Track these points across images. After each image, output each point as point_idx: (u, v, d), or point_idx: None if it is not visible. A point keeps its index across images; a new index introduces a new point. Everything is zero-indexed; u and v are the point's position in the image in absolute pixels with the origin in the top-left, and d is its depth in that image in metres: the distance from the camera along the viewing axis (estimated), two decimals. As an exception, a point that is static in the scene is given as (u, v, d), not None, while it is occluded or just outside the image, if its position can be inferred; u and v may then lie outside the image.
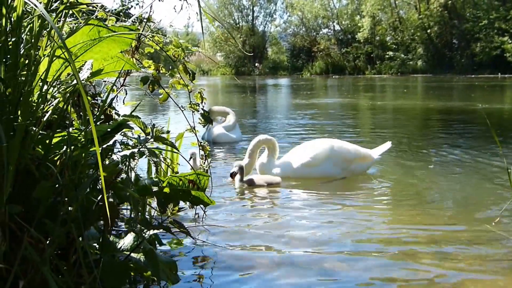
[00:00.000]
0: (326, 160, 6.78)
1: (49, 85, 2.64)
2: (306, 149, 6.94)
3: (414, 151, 8.92)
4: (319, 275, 3.64)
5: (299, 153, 6.93)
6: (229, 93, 29.50)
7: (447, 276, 3.57)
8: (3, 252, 2.29)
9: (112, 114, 3.85)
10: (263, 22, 66.97)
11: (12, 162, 2.29)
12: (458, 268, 3.72)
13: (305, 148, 6.99)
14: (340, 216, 5.03)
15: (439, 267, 3.74)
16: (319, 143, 7.04)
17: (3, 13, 2.33)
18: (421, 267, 3.73)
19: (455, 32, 50.74)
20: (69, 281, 2.54)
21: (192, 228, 4.48)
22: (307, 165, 6.76)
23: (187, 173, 3.23)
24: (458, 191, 6.04)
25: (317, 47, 59.61)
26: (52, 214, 2.52)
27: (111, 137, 2.89)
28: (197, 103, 4.51)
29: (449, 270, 3.67)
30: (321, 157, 6.78)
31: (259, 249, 4.16)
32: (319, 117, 15.14)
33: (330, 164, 6.79)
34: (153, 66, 4.22)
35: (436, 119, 14.40)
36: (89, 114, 1.90)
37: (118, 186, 2.91)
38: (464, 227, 4.66)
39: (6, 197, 2.28)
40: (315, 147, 6.90)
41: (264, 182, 6.49)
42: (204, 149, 4.66)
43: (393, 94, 27.30)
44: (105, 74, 3.08)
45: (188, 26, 72.41)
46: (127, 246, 2.84)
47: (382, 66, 53.24)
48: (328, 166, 6.79)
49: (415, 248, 4.13)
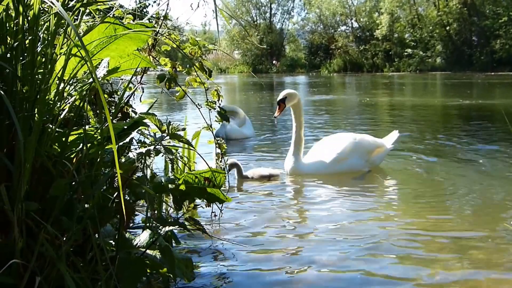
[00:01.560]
0: (352, 153, 6.76)
1: (65, 83, 2.66)
2: (329, 144, 6.90)
3: (433, 148, 8.91)
4: (336, 271, 3.64)
5: (323, 150, 6.87)
6: (246, 91, 29.51)
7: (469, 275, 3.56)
8: (20, 249, 2.31)
9: (129, 112, 3.87)
10: (280, 19, 66.86)
11: (28, 159, 2.30)
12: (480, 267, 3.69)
13: (327, 143, 6.95)
14: (359, 213, 5.01)
15: (459, 268, 3.71)
16: (341, 137, 6.99)
17: (20, 11, 2.35)
18: (441, 266, 3.72)
19: (475, 29, 50.29)
20: (85, 278, 2.56)
21: (208, 225, 4.50)
22: (336, 161, 6.69)
23: (202, 171, 3.24)
24: (478, 190, 5.99)
25: (335, 45, 59.35)
26: (69, 211, 2.54)
27: (127, 135, 2.90)
28: (213, 101, 4.52)
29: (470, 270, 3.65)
30: (347, 151, 6.74)
31: (275, 245, 4.17)
32: (336, 114, 15.14)
33: (356, 157, 6.79)
34: (170, 64, 4.23)
35: (455, 117, 14.30)
36: (106, 111, 1.91)
37: (134, 184, 2.93)
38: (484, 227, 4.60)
39: (23, 194, 2.30)
40: (339, 142, 6.85)
41: (264, 174, 6.57)
42: (220, 147, 4.66)
43: (412, 92, 27.19)
44: (122, 71, 3.09)
45: (205, 25, 72.42)
46: (143, 243, 2.86)
47: (401, 63, 52.88)
48: (355, 159, 6.78)
49: (434, 247, 4.12)
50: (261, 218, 4.91)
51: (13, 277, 2.30)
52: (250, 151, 8.94)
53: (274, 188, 6.13)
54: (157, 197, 3.33)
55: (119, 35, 2.69)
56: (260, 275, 3.59)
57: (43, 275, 2.38)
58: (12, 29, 2.40)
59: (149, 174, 3.37)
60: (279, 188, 6.15)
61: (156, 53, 4.25)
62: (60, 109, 2.67)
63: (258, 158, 8.26)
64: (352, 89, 30.67)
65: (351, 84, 36.23)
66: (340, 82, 38.78)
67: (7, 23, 2.38)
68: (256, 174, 6.58)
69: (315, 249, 4.06)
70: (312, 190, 6.05)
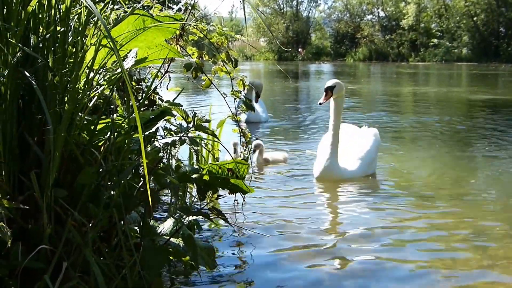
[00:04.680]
0: (376, 150, 6.41)
1: (95, 72, 2.71)
2: (354, 143, 6.39)
3: (454, 142, 8.86)
4: (358, 264, 3.67)
5: (350, 150, 6.31)
6: (271, 78, 29.50)
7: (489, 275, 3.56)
8: (48, 235, 2.37)
9: (156, 99, 3.92)
10: (307, 7, 66.41)
11: (58, 148, 2.36)
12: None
13: (351, 142, 6.41)
14: (381, 209, 5.02)
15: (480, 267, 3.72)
16: (363, 134, 6.57)
17: (52, 4, 2.40)
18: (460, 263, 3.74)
19: (502, 20, 49.71)
20: (110, 264, 2.62)
21: (229, 214, 4.55)
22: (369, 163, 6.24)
23: (226, 161, 3.28)
24: (500, 185, 5.98)
25: (360, 33, 59.06)
26: (95, 198, 2.60)
27: (154, 125, 2.95)
28: (239, 90, 4.56)
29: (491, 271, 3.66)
30: (374, 149, 6.32)
31: (297, 236, 4.20)
32: (360, 104, 15.04)
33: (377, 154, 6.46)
34: (197, 54, 4.27)
35: (479, 109, 14.08)
36: (133, 103, 1.95)
37: (159, 173, 2.98)
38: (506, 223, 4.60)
39: (52, 182, 2.35)
40: (364, 139, 6.41)
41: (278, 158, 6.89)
42: (245, 136, 4.70)
43: (437, 82, 26.97)
44: (149, 61, 3.14)
45: (232, 12, 72.28)
46: (167, 231, 2.91)
47: (426, 53, 52.47)
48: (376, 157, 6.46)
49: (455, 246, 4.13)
50: (283, 207, 4.94)
51: (42, 262, 2.37)
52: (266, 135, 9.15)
53: (298, 179, 6.14)
54: (181, 186, 3.38)
55: (147, 28, 2.73)
56: (281, 264, 3.62)
57: (69, 260, 2.45)
58: (45, 20, 2.45)
59: (174, 164, 3.42)
60: (303, 179, 6.15)
61: (184, 42, 4.29)
62: (89, 97, 2.72)
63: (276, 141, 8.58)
64: (376, 78, 30.53)
65: (375, 73, 36.01)
66: (366, 71, 38.56)
67: (39, 14, 2.43)
68: (273, 157, 6.80)
69: (338, 242, 4.08)
70: (337, 184, 6.01)
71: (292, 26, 62.20)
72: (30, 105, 2.48)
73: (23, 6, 2.32)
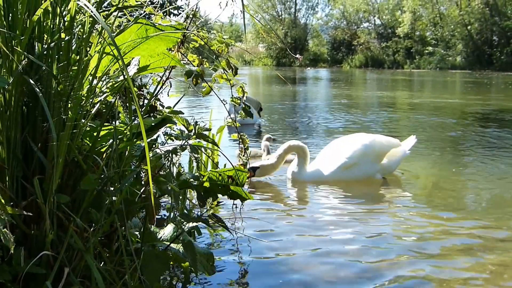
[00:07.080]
0: (362, 157, 6.31)
1: (98, 79, 2.73)
2: (338, 148, 6.49)
3: (449, 150, 8.89)
4: (355, 268, 3.70)
5: (331, 155, 6.46)
6: (269, 84, 29.64)
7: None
8: (50, 240, 2.39)
9: (157, 105, 3.95)
10: (305, 14, 66.96)
11: (61, 154, 2.38)
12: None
13: (336, 147, 6.54)
14: (380, 216, 5.06)
15: (483, 271, 3.75)
16: (350, 140, 6.55)
17: (56, 12, 2.42)
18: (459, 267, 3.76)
19: (496, 29, 49.87)
20: (111, 269, 2.64)
21: (228, 219, 4.58)
22: (344, 167, 6.28)
23: (226, 169, 3.32)
24: (497, 193, 6.02)
25: (357, 41, 59.46)
26: (97, 204, 2.62)
27: (155, 132, 2.98)
28: (238, 97, 4.59)
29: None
30: (357, 155, 6.29)
31: (294, 241, 4.23)
32: (355, 111, 15.07)
33: (368, 162, 6.36)
34: (197, 61, 4.30)
35: (473, 117, 14.05)
36: (138, 112, 1.98)
37: (160, 180, 3.00)
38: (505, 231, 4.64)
39: (55, 187, 2.37)
40: (348, 145, 6.42)
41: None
42: (244, 142, 4.74)
43: (431, 89, 27.06)
44: (151, 69, 3.16)
45: (232, 17, 72.47)
46: (167, 237, 2.93)
47: (421, 61, 52.74)
48: (366, 165, 6.35)
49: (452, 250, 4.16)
50: (281, 213, 4.98)
51: (43, 268, 2.38)
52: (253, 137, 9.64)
53: (298, 189, 6.17)
54: (182, 193, 3.40)
55: (150, 37, 2.76)
56: (279, 270, 3.65)
57: (71, 266, 2.46)
58: (49, 28, 2.47)
59: (175, 171, 3.45)
60: (301, 186, 6.18)
61: (185, 49, 4.32)
62: (91, 104, 2.74)
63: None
64: (372, 85, 30.60)
65: (371, 80, 36.07)
66: (362, 78, 38.64)
67: (44, 22, 2.45)
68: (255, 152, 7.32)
69: (334, 246, 4.12)
70: (334, 187, 6.05)
71: (290, 33, 62.43)
72: (34, 112, 2.50)
73: (28, 15, 2.35)
